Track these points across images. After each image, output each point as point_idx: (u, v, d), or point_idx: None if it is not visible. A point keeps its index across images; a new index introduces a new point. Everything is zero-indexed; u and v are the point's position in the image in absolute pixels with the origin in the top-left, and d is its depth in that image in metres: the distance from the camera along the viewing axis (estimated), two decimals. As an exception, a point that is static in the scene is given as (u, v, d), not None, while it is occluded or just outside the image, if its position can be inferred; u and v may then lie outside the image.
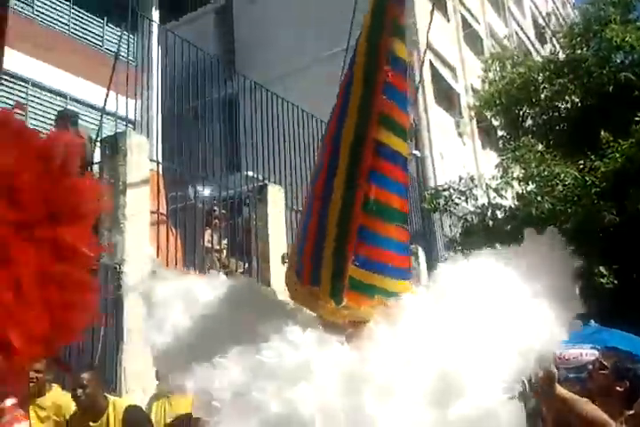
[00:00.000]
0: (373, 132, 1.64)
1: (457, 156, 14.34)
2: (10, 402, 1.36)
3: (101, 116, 7.49)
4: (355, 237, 1.63)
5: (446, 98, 15.57)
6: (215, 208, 7.89)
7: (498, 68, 11.55)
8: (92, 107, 9.33)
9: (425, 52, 11.50)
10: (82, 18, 10.51)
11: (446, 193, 10.19)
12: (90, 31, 10.68)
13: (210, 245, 7.55)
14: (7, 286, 1.22)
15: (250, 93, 8.85)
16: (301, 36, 13.92)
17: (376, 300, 1.65)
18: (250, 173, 8.38)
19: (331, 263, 1.65)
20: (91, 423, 3.78)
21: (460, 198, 10.22)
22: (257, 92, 8.74)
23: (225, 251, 7.87)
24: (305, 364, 1.48)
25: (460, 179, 10.30)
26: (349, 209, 1.64)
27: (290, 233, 7.81)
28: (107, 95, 7.03)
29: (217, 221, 7.83)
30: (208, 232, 7.68)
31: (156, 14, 10.49)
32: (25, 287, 1.25)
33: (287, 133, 8.70)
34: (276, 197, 8.12)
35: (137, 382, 5.68)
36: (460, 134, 15.51)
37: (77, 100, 9.86)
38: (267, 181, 8.21)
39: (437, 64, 14.79)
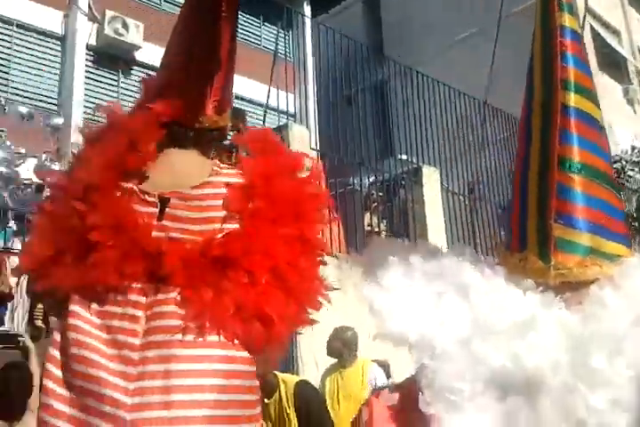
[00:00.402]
0: (560, 96, 1.76)
1: (627, 124, 13.34)
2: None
3: (265, 111, 8.01)
4: (554, 195, 1.70)
5: (612, 64, 14.49)
6: (373, 192, 8.13)
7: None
8: (253, 102, 9.98)
9: (584, 16, 10.83)
10: (241, 19, 11.24)
11: (618, 165, 9.55)
12: (248, 31, 11.35)
13: (369, 228, 7.82)
14: (265, 270, 1.46)
15: (400, 77, 8.95)
16: (448, 16, 13.69)
17: (589, 260, 1.66)
18: (403, 157, 8.51)
19: (535, 224, 1.74)
20: (265, 400, 3.75)
21: (633, 170, 9.55)
22: (407, 76, 8.82)
23: (383, 233, 8.09)
24: (530, 320, 1.54)
25: (633, 149, 9.61)
26: (546, 169, 1.73)
27: (447, 214, 7.85)
28: (269, 91, 7.50)
29: (375, 204, 8.07)
30: (367, 216, 7.94)
31: (307, 9, 10.91)
32: (279, 272, 1.48)
33: (439, 114, 8.70)
34: (430, 178, 8.19)
35: (311, 356, 5.99)
36: (630, 101, 14.37)
37: (241, 98, 10.67)
38: (421, 164, 8.30)
39: (600, 29, 13.81)
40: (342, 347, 4.87)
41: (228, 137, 1.86)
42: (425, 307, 1.69)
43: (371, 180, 8.13)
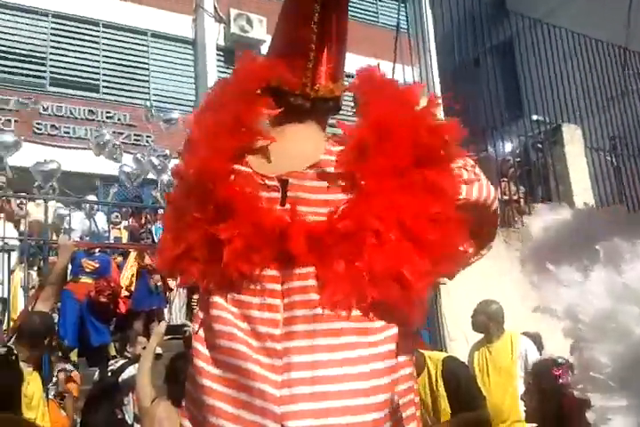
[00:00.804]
0: None
1: None
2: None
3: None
4: None
5: None
6: (509, 158, 7.79)
7: None
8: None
9: None
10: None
11: None
12: (365, 9, 11.27)
13: (507, 197, 7.51)
14: (393, 229, 1.34)
15: (528, 32, 8.44)
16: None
17: None
18: (536, 117, 8.04)
19: None
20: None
21: None
22: (535, 29, 8.29)
23: (523, 200, 7.74)
24: None
25: None
26: None
27: (592, 172, 7.33)
28: (393, 68, 7.40)
29: (512, 170, 7.73)
30: (504, 183, 7.63)
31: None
32: (408, 228, 1.35)
33: (574, 67, 8.10)
34: (572, 136, 7.66)
35: (459, 331, 5.92)
36: None
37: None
38: (559, 122, 7.80)
39: None
40: (488, 321, 4.74)
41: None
42: (573, 276, 1.59)
43: (505, 144, 7.78)
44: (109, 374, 5.02)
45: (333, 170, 1.40)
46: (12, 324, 5.26)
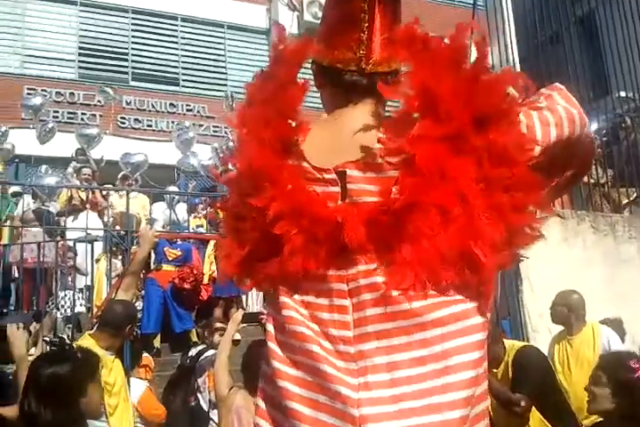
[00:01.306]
0: None
1: None
2: None
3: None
4: None
5: None
6: (595, 137, 7.39)
7: None
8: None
9: None
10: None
11: None
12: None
13: (594, 180, 7.13)
14: (454, 201, 1.23)
15: (610, 3, 7.94)
16: None
17: None
18: (623, 94, 7.55)
19: None
20: (494, 370, 3.65)
21: None
22: (617, 1, 7.79)
23: (609, 182, 7.32)
24: None
25: None
26: None
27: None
28: (470, 47, 7.15)
29: (599, 150, 7.32)
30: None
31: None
32: (470, 199, 1.23)
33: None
34: (665, 113, 7.17)
35: (542, 323, 5.71)
36: None
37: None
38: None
39: None
40: (568, 312, 4.54)
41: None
42: None
43: (590, 124, 7.36)
44: (187, 360, 5.16)
45: (387, 149, 1.29)
46: (95, 310, 5.49)
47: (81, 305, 6.56)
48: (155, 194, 8.59)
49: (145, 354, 5.59)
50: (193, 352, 5.22)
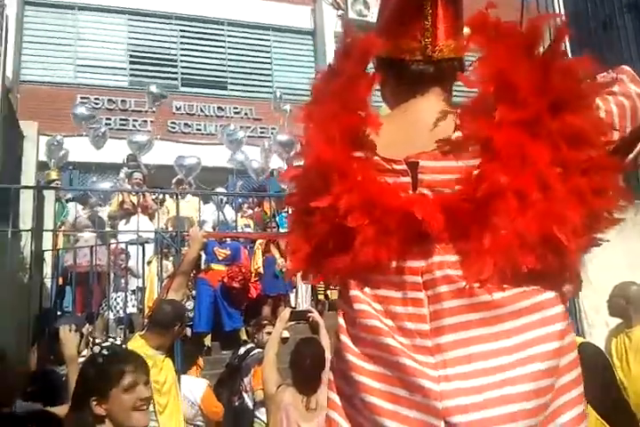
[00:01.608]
0: None
1: None
2: None
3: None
4: None
5: None
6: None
7: None
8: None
9: None
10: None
11: None
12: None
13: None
14: (534, 186, 1.21)
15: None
16: None
17: None
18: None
19: None
20: None
21: None
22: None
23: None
24: None
25: None
26: None
27: None
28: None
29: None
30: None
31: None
32: (551, 183, 1.21)
33: None
34: None
35: (599, 316, 5.56)
36: None
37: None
38: None
39: None
40: (626, 304, 4.36)
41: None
42: None
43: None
44: (236, 359, 5.19)
45: (466, 136, 1.26)
46: (147, 311, 5.60)
47: (133, 306, 6.70)
48: (204, 196, 8.74)
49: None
50: (241, 351, 5.26)
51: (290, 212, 1.46)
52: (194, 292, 6.96)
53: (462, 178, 1.23)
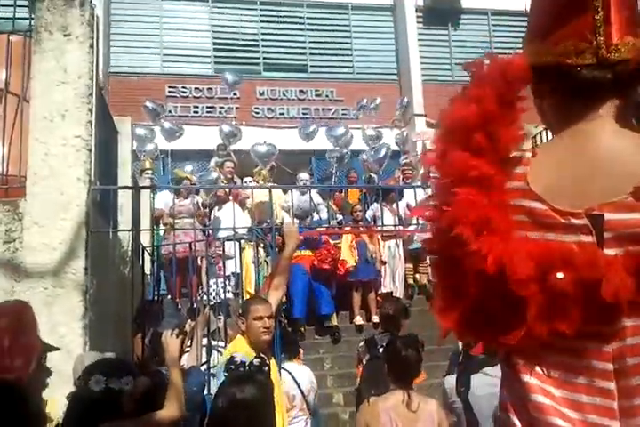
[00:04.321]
0: None
1: None
2: None
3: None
4: None
5: None
6: None
7: None
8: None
9: None
10: None
11: None
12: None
13: None
14: None
15: None
16: None
17: None
18: None
19: None
20: None
21: None
22: None
23: None
24: None
25: None
26: None
27: None
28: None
29: None
30: None
31: None
32: None
33: None
34: None
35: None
36: None
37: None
38: None
39: None
40: None
41: None
42: None
43: None
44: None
45: None
46: (246, 295, 5.79)
47: (229, 292, 6.95)
48: (288, 182, 8.89)
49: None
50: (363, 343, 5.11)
51: (435, 259, 1.22)
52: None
53: None
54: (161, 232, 7.80)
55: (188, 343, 3.68)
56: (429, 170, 1.18)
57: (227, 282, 6.93)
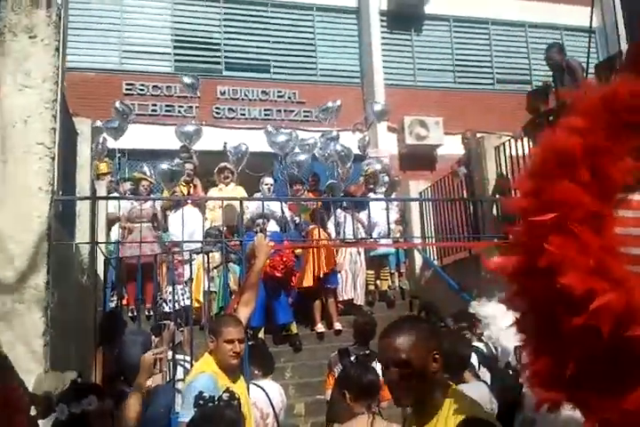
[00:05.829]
0: None
1: None
2: None
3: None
4: None
5: None
6: None
7: None
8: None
9: None
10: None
11: None
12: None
13: None
14: None
15: None
16: None
17: None
18: None
19: None
20: None
21: None
22: None
23: None
24: None
25: None
26: None
27: None
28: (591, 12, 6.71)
29: None
30: None
31: None
32: None
33: None
34: None
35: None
36: None
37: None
38: None
39: None
40: None
41: None
42: None
43: None
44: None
45: None
46: (195, 304, 5.63)
47: (187, 298, 6.81)
48: (251, 185, 8.78)
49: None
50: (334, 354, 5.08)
51: (523, 318, 1.09)
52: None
53: None
54: (115, 236, 7.61)
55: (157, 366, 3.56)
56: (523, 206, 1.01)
57: (185, 288, 6.82)
